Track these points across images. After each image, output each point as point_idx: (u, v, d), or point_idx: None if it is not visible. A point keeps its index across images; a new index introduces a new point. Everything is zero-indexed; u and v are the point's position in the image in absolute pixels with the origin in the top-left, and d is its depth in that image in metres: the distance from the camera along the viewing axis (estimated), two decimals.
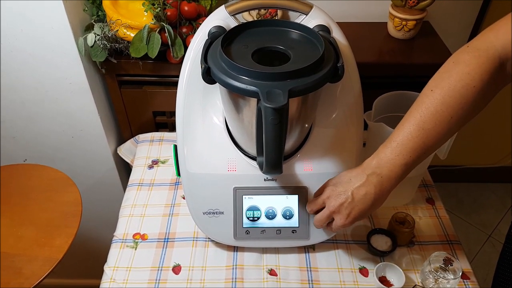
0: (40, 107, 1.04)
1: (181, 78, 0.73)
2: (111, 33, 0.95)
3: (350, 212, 0.63)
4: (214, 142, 0.76)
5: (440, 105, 0.55)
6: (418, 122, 0.57)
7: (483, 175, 1.85)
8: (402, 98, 0.88)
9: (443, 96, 0.55)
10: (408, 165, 0.59)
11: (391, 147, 0.59)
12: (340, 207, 0.63)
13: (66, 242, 0.86)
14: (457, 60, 0.57)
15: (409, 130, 0.58)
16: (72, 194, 0.96)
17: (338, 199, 0.64)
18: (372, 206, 0.62)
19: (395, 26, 1.08)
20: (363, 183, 0.61)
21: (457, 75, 0.55)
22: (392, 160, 0.59)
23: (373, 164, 0.61)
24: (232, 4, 0.68)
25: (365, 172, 0.61)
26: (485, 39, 0.55)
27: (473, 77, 0.54)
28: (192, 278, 0.78)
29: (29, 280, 0.80)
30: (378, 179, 0.60)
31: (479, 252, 1.68)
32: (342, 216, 0.64)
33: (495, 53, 0.54)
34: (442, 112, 0.55)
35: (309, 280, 0.78)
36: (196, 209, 0.78)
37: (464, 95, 0.54)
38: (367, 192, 0.61)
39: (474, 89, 0.54)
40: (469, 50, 0.56)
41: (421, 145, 0.57)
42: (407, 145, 0.58)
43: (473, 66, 0.54)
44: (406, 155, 0.58)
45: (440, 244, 0.84)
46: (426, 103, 0.57)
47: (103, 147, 1.14)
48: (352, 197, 0.62)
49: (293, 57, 0.61)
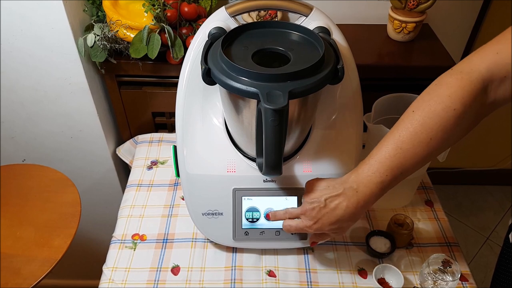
0: (39, 108, 1.04)
1: (181, 79, 0.73)
2: (111, 34, 0.95)
3: (320, 218, 0.63)
4: (214, 143, 0.76)
5: (419, 126, 0.55)
6: (397, 141, 0.57)
7: (481, 178, 1.85)
8: (401, 100, 0.88)
9: (423, 117, 0.55)
10: (384, 184, 0.58)
11: (369, 164, 0.59)
12: (311, 211, 0.63)
13: (65, 243, 0.86)
14: (439, 82, 0.56)
15: (387, 149, 0.57)
16: (71, 195, 0.96)
17: (311, 204, 0.63)
18: (342, 219, 0.61)
19: (394, 28, 1.08)
20: (338, 194, 0.61)
21: (438, 98, 0.55)
22: (368, 177, 0.59)
23: (351, 179, 0.61)
24: (232, 5, 0.69)
25: (343, 185, 0.61)
26: (470, 62, 0.55)
27: (453, 99, 0.53)
28: (191, 279, 0.78)
29: (28, 280, 0.80)
30: (353, 193, 0.60)
31: (477, 255, 1.68)
32: (309, 219, 0.64)
33: (478, 76, 0.53)
34: (421, 133, 0.55)
35: (308, 282, 0.78)
36: (195, 210, 0.78)
37: (444, 118, 0.54)
38: (339, 203, 0.61)
39: (454, 112, 0.53)
40: (452, 73, 0.56)
41: (397, 165, 0.57)
42: (384, 163, 0.57)
43: (455, 89, 0.54)
44: (383, 173, 0.58)
45: (439, 246, 0.84)
46: (406, 123, 0.57)
47: (102, 147, 1.13)
48: (324, 204, 0.62)
49: (293, 59, 0.61)
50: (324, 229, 0.64)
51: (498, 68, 0.52)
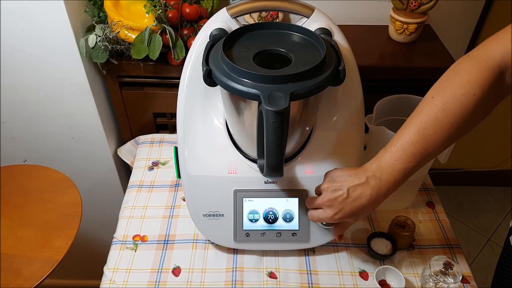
0: (40, 108, 1.04)
1: (182, 80, 0.73)
2: (112, 35, 0.95)
3: (342, 208, 0.63)
4: (215, 144, 0.76)
5: (440, 112, 0.56)
6: (419, 128, 0.57)
7: (483, 179, 1.85)
8: (403, 101, 0.88)
9: (444, 103, 0.56)
10: (407, 170, 0.59)
11: (391, 152, 0.59)
12: (334, 201, 0.63)
13: (66, 244, 0.86)
14: (457, 69, 0.57)
15: (409, 135, 0.58)
16: (72, 195, 0.96)
17: (333, 193, 0.64)
18: (365, 207, 0.62)
19: (396, 29, 1.08)
20: (361, 183, 0.61)
21: (457, 83, 0.56)
22: (392, 164, 0.59)
23: (373, 167, 0.61)
24: (233, 7, 0.69)
25: (365, 174, 0.62)
26: (485, 49, 0.56)
27: (472, 85, 0.55)
28: (191, 280, 0.78)
29: (29, 281, 0.80)
30: (376, 182, 0.60)
31: (478, 256, 1.68)
32: (333, 210, 0.64)
33: (494, 62, 0.55)
34: (442, 119, 0.56)
35: (309, 283, 0.78)
36: (196, 211, 0.78)
37: (464, 103, 0.55)
38: (363, 193, 0.61)
39: (474, 97, 0.55)
40: (469, 59, 0.57)
41: (421, 151, 0.58)
42: (407, 150, 0.58)
43: (473, 75, 0.55)
44: (406, 160, 0.58)
45: (440, 248, 0.84)
46: (426, 109, 0.58)
47: (103, 148, 1.13)
48: (347, 194, 0.62)
49: (294, 60, 0.61)
50: (344, 218, 0.64)
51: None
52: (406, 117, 0.90)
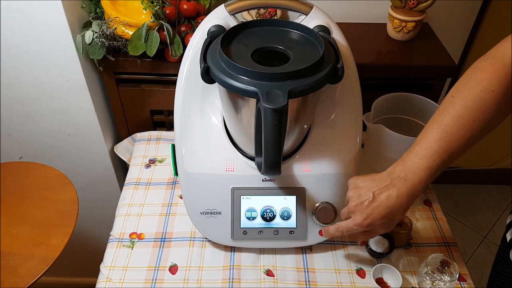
0: (36, 105, 1.03)
1: (180, 77, 0.72)
2: (109, 31, 0.94)
3: (371, 213, 0.61)
4: (212, 142, 0.76)
5: (461, 108, 0.57)
6: (441, 125, 0.58)
7: (479, 177, 1.86)
8: (401, 99, 0.88)
9: (464, 100, 0.57)
10: (432, 169, 0.58)
11: (415, 151, 0.59)
12: (360, 206, 0.62)
13: (62, 241, 0.86)
14: (474, 68, 0.58)
15: (432, 133, 0.58)
16: (69, 193, 0.96)
17: (359, 198, 0.62)
18: (394, 210, 0.60)
19: (394, 27, 1.08)
20: (386, 185, 0.61)
21: (475, 81, 0.57)
22: (416, 163, 0.59)
23: (397, 169, 0.61)
24: (231, 3, 0.68)
25: (390, 176, 0.61)
26: (500, 48, 0.57)
27: (490, 81, 0.55)
28: (189, 278, 0.78)
29: (25, 279, 0.79)
30: (402, 182, 0.59)
31: (474, 253, 1.68)
32: (361, 216, 0.62)
33: (509, 60, 0.55)
34: (463, 115, 0.56)
35: (306, 281, 0.78)
36: (193, 209, 0.78)
37: (484, 99, 0.56)
38: (389, 195, 0.60)
39: (493, 93, 0.55)
40: (485, 58, 0.58)
41: (444, 149, 0.57)
42: (431, 148, 0.58)
43: (490, 72, 0.56)
44: (430, 158, 0.58)
45: (437, 246, 0.84)
46: (447, 108, 0.58)
47: (100, 145, 1.13)
48: (372, 197, 0.61)
49: (292, 58, 0.61)
50: (375, 224, 0.62)
51: None
52: (404, 115, 0.91)
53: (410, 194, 0.60)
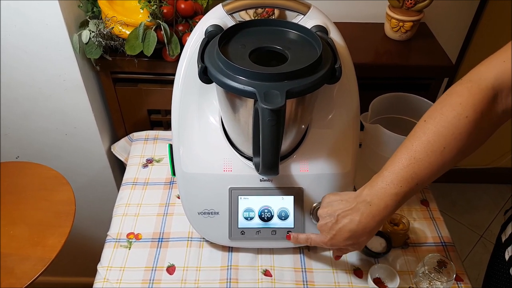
0: (33, 104, 1.03)
1: (177, 76, 0.72)
2: (106, 30, 0.93)
3: (334, 234, 0.62)
4: (210, 142, 0.75)
5: (432, 135, 0.55)
6: (410, 152, 0.56)
7: (476, 176, 1.86)
8: (398, 99, 0.88)
9: (436, 126, 0.55)
10: (399, 196, 0.57)
11: (383, 176, 0.58)
12: (324, 226, 0.64)
13: (59, 242, 0.85)
14: (450, 92, 0.56)
15: (401, 159, 0.57)
16: (65, 193, 0.95)
17: (324, 219, 0.64)
18: (357, 234, 0.61)
19: (392, 27, 1.08)
20: (350, 209, 0.61)
21: (449, 106, 0.55)
22: (382, 189, 0.58)
23: (364, 192, 0.60)
24: (229, 3, 0.68)
25: (356, 200, 0.61)
26: (478, 72, 0.55)
27: (464, 107, 0.53)
28: (186, 278, 0.78)
29: (21, 280, 0.79)
30: (367, 207, 0.59)
31: (471, 253, 1.69)
32: (326, 236, 0.64)
33: (488, 84, 0.53)
34: (434, 142, 0.55)
35: (304, 281, 0.78)
36: (191, 209, 0.77)
37: (456, 125, 0.54)
38: (352, 219, 0.60)
39: (466, 119, 0.53)
40: (462, 82, 0.56)
41: (412, 175, 0.56)
42: (398, 174, 0.57)
43: (466, 97, 0.54)
44: (397, 184, 0.57)
45: (434, 246, 0.85)
46: (418, 133, 0.56)
47: (97, 145, 1.12)
48: (336, 219, 0.62)
49: (290, 58, 0.61)
50: (339, 245, 0.63)
51: (506, 76, 0.52)
52: (402, 115, 0.91)
53: (375, 219, 0.59)
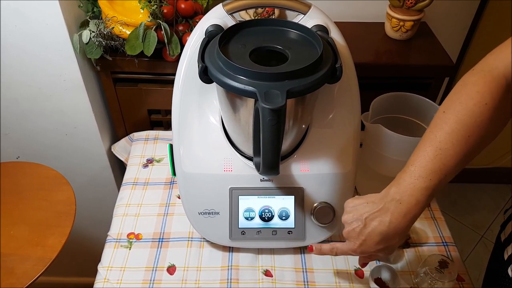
0: (33, 104, 1.03)
1: (178, 76, 0.72)
2: (107, 30, 0.93)
3: (364, 240, 0.58)
4: (210, 142, 0.75)
5: (454, 124, 0.54)
6: (434, 142, 0.55)
7: (477, 176, 1.86)
8: (399, 99, 0.87)
9: (457, 115, 0.54)
10: (429, 189, 0.55)
11: (410, 172, 0.56)
12: (352, 232, 0.59)
13: (59, 242, 0.85)
14: (464, 82, 0.56)
15: (426, 152, 0.55)
16: (66, 193, 0.95)
17: (351, 225, 0.60)
18: (388, 236, 0.57)
19: (392, 26, 1.07)
20: (378, 210, 0.57)
21: (467, 95, 0.54)
22: (411, 184, 0.55)
23: (392, 191, 0.57)
24: (229, 3, 0.68)
25: (384, 200, 0.57)
26: (487, 62, 0.56)
27: (482, 95, 0.53)
28: (187, 278, 0.78)
29: (21, 280, 0.79)
30: (396, 205, 0.55)
31: (471, 252, 1.69)
32: (354, 243, 0.60)
33: (499, 73, 0.54)
34: (458, 131, 0.54)
35: (305, 281, 0.77)
36: (191, 209, 0.77)
37: (477, 113, 0.53)
38: (382, 220, 0.56)
39: (486, 106, 0.53)
40: (474, 73, 0.56)
41: (440, 167, 0.54)
42: (426, 167, 0.54)
43: (481, 86, 0.54)
44: (426, 177, 0.54)
45: (436, 246, 0.84)
46: (439, 124, 0.55)
47: (97, 145, 1.12)
48: (364, 224, 0.58)
49: (291, 57, 0.60)
50: (369, 250, 0.59)
51: None
52: (403, 115, 0.91)
53: (407, 217, 0.56)
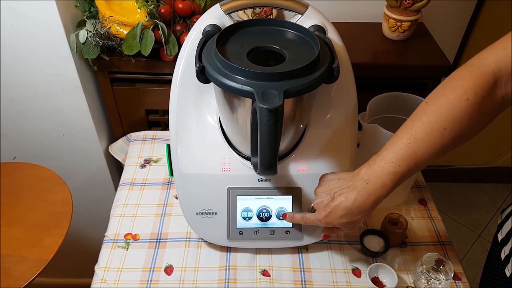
0: (30, 104, 1.02)
1: (175, 76, 0.72)
2: (104, 30, 0.93)
3: (329, 212, 0.62)
4: (208, 142, 0.75)
5: (432, 114, 0.55)
6: (410, 131, 0.57)
7: (475, 176, 1.87)
8: (396, 99, 0.88)
9: (436, 107, 0.55)
10: (397, 175, 0.57)
11: (381, 155, 0.59)
12: (320, 204, 0.64)
13: (56, 243, 0.85)
14: (453, 76, 0.57)
15: (401, 138, 0.57)
16: (63, 194, 0.95)
17: (320, 197, 0.64)
18: (352, 212, 0.61)
19: (389, 27, 1.08)
20: (347, 187, 0.61)
21: (451, 88, 0.56)
22: (380, 167, 0.58)
23: (362, 171, 0.60)
24: (227, 3, 0.68)
25: (354, 178, 0.61)
26: (480, 57, 0.56)
27: (466, 89, 0.54)
28: (184, 279, 0.78)
29: (18, 281, 0.79)
30: (363, 185, 0.59)
31: (469, 252, 1.69)
32: (321, 213, 0.64)
33: (488, 69, 0.54)
34: (434, 122, 0.55)
35: (302, 281, 0.77)
36: (189, 209, 0.77)
37: (457, 107, 0.54)
38: (348, 197, 0.60)
39: (467, 101, 0.54)
40: (464, 67, 0.57)
41: (411, 155, 0.56)
42: (397, 153, 0.57)
43: (467, 80, 0.55)
44: (396, 163, 0.57)
45: (432, 245, 0.85)
46: (419, 114, 0.57)
47: (94, 145, 1.12)
48: (332, 197, 0.62)
49: (288, 57, 0.60)
50: (333, 222, 0.63)
51: (505, 63, 0.53)
52: (400, 115, 0.91)
53: (371, 198, 0.59)
